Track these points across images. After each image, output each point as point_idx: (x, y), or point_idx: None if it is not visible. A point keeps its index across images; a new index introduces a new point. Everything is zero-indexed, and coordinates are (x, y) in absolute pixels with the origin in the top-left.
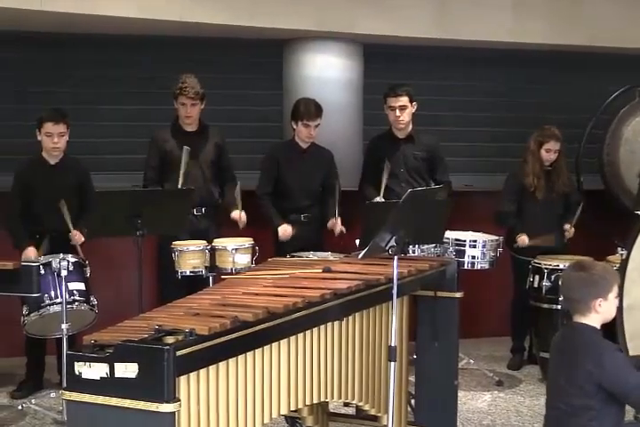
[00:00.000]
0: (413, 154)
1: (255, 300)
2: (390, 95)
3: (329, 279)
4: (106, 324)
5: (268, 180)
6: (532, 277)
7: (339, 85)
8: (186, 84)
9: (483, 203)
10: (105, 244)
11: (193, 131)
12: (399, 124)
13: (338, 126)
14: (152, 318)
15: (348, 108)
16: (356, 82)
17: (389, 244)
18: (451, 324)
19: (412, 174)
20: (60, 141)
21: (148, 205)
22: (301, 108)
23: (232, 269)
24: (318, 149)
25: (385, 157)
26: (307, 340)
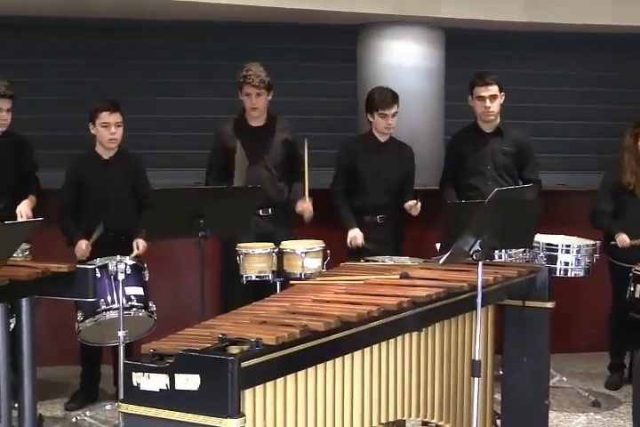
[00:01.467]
0: (501, 149)
1: (326, 308)
2: (479, 84)
3: (407, 286)
4: (165, 332)
5: (343, 176)
6: (632, 287)
7: (418, 75)
8: (250, 71)
9: (578, 203)
10: (165, 246)
11: (259, 126)
12: (488, 116)
13: (417, 120)
14: (215, 326)
15: (428, 99)
16: (437, 71)
17: (473, 248)
18: (541, 337)
19: (500, 172)
20: (117, 132)
21: (210, 204)
22: (376, 98)
23: (301, 274)
24: (397, 144)
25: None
26: (382, 352)
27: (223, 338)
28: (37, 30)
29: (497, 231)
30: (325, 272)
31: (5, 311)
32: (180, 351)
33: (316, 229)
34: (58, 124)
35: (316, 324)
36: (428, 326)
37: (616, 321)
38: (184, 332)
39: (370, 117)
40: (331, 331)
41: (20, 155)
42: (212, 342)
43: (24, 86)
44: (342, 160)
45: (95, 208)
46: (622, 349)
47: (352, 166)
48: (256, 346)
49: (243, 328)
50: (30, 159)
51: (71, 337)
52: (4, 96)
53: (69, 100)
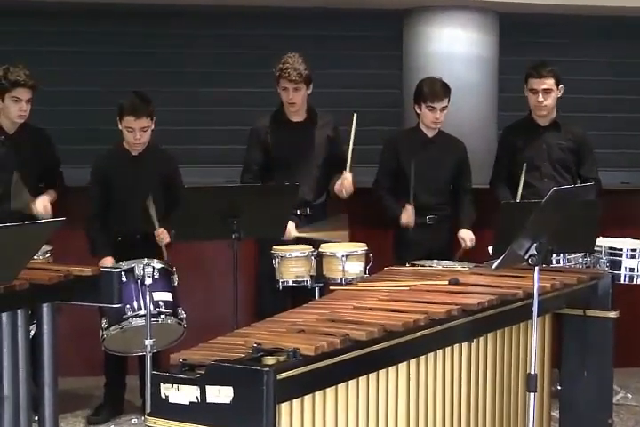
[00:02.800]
0: (558, 144)
1: (369, 316)
2: (533, 76)
3: (456, 293)
4: (196, 340)
5: (387, 174)
6: None
7: (469, 64)
8: (287, 64)
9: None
10: (195, 248)
11: (299, 121)
12: (541, 111)
13: (468, 112)
14: (249, 334)
15: (480, 90)
16: (490, 59)
17: (529, 252)
18: (603, 349)
19: (557, 168)
20: (142, 137)
21: (245, 203)
22: (425, 89)
23: (342, 279)
24: (448, 139)
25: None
26: (429, 364)
27: (258, 348)
28: (63, 16)
29: (555, 234)
30: (368, 277)
31: (25, 318)
32: (212, 362)
33: (359, 230)
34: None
35: (357, 333)
36: (480, 336)
37: None
38: (216, 341)
39: (417, 109)
40: (374, 341)
41: (41, 149)
42: (245, 352)
43: (47, 76)
44: (386, 157)
45: (121, 208)
46: None
47: (397, 163)
48: (293, 356)
49: (279, 337)
50: (52, 153)
51: (95, 346)
52: (24, 85)
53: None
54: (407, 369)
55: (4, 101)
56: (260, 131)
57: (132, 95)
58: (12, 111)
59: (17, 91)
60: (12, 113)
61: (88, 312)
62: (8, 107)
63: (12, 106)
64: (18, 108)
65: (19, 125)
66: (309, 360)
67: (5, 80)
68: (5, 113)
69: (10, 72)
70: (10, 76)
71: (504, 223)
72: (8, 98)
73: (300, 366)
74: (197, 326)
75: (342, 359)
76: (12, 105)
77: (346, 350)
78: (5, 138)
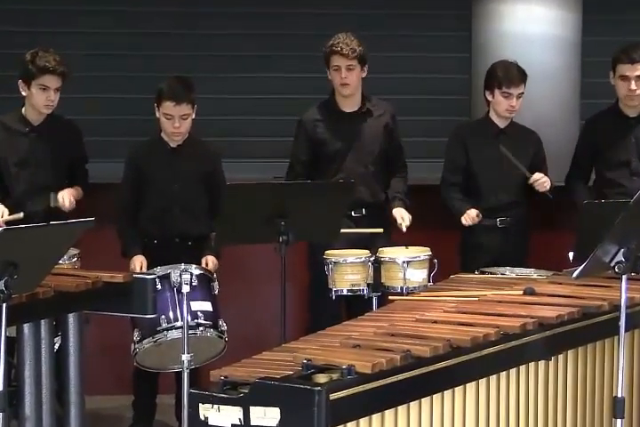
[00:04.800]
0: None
1: (433, 329)
2: (623, 61)
3: (532, 304)
4: (239, 355)
5: (455, 171)
6: None
7: (548, 45)
8: (339, 39)
9: None
10: (238, 252)
11: (352, 112)
12: (632, 100)
13: (546, 100)
14: (298, 349)
15: (560, 75)
16: (572, 40)
17: (616, 259)
18: None
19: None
20: (182, 126)
21: (294, 202)
22: (499, 73)
23: (403, 288)
24: (521, 131)
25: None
26: (501, 384)
27: (308, 364)
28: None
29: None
30: (432, 286)
31: (50, 329)
32: (257, 380)
33: (421, 233)
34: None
35: (420, 349)
36: (559, 353)
37: None
38: (261, 356)
39: (489, 96)
40: (438, 357)
41: (68, 144)
42: (294, 369)
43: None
44: (453, 151)
45: (158, 205)
46: None
47: (465, 158)
48: (348, 374)
49: (332, 353)
50: (81, 149)
51: (126, 361)
52: (53, 72)
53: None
54: (476, 390)
55: (30, 89)
56: (309, 123)
57: (172, 79)
58: (38, 100)
59: (45, 78)
60: (38, 102)
61: (119, 323)
62: (35, 95)
63: (38, 94)
64: (45, 98)
65: (45, 116)
66: (366, 379)
67: (33, 66)
68: (31, 102)
69: (38, 57)
70: (38, 62)
71: (586, 226)
72: (35, 85)
73: (355, 385)
74: (240, 339)
75: (403, 378)
76: (39, 93)
77: (407, 368)
78: (30, 130)
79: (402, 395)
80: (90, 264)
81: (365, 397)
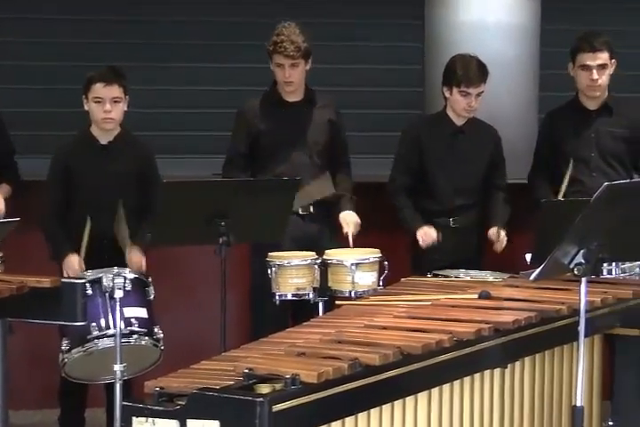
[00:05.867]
0: (610, 132)
1: (383, 336)
2: (585, 49)
3: (487, 309)
4: (175, 365)
5: (406, 169)
6: None
7: (505, 34)
8: (282, 36)
9: None
10: (175, 254)
11: (296, 101)
12: (594, 91)
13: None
14: (239, 358)
15: (517, 66)
16: (531, 29)
17: (575, 260)
18: None
19: (609, 160)
20: (114, 110)
21: (235, 201)
22: (458, 70)
23: (351, 291)
24: (480, 127)
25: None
26: (455, 393)
27: (250, 374)
28: None
29: (606, 239)
30: (382, 290)
31: None
32: (195, 391)
33: (372, 233)
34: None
35: (369, 356)
36: (516, 360)
37: None
38: (199, 366)
39: (447, 93)
40: (388, 366)
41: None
42: (235, 379)
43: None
44: (405, 148)
45: (87, 206)
46: None
47: (418, 155)
48: (292, 384)
49: (275, 361)
50: (4, 139)
51: (54, 372)
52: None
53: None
54: (428, 400)
55: None
56: (249, 112)
57: (103, 68)
58: None
59: None
60: None
61: (46, 332)
62: None
63: None
64: None
65: None
66: (311, 389)
67: None
68: None
69: None
70: None
71: (545, 226)
72: None
73: (299, 395)
74: (177, 348)
75: (350, 388)
76: None
77: (355, 377)
78: None
79: (350, 406)
80: (14, 268)
81: (311, 408)
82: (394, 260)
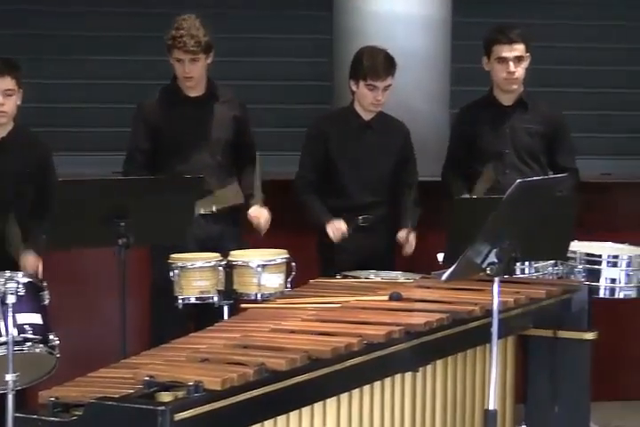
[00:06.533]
0: (525, 128)
1: (290, 340)
2: (501, 41)
3: (398, 311)
4: (72, 374)
5: (313, 165)
6: None
7: (415, 26)
8: (182, 30)
9: (629, 199)
10: (72, 257)
11: (197, 96)
12: (511, 84)
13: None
14: (140, 365)
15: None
16: (442, 21)
17: (487, 260)
18: (578, 379)
19: (523, 157)
20: (6, 103)
21: (136, 201)
22: (365, 62)
23: (257, 294)
24: (388, 122)
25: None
26: (364, 398)
27: (151, 382)
28: None
29: (520, 237)
30: (289, 292)
31: None
32: (93, 400)
33: (278, 233)
34: None
35: (276, 361)
36: (427, 363)
37: None
38: (98, 374)
39: (354, 86)
40: (296, 371)
41: None
42: (135, 388)
43: None
44: (311, 143)
45: None
46: None
47: (325, 151)
48: (195, 392)
49: (177, 368)
50: None
51: None
52: None
53: None
54: (337, 405)
55: None
56: (149, 107)
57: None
58: None
59: None
60: None
61: None
62: None
63: None
64: None
65: None
66: (215, 396)
67: None
68: None
69: None
70: None
71: (457, 225)
72: None
73: (203, 403)
74: (74, 355)
75: (257, 394)
76: None
77: (261, 383)
78: None
79: (256, 413)
80: None
81: (215, 416)
82: (302, 261)
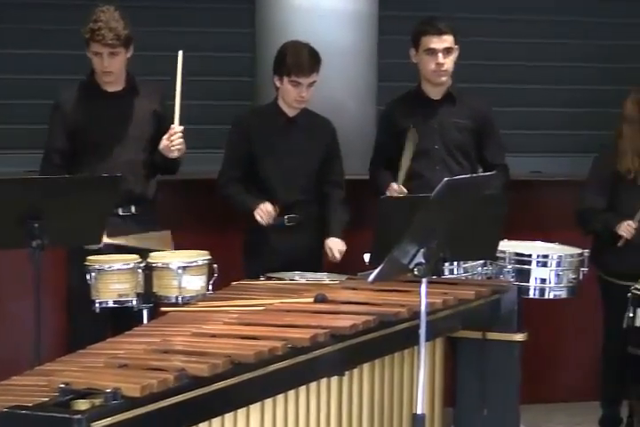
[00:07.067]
0: (455, 122)
1: (212, 344)
2: (430, 32)
3: (323, 313)
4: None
5: (236, 163)
6: (632, 312)
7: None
8: (100, 22)
9: (559, 198)
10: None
11: (116, 91)
12: (440, 76)
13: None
14: (55, 372)
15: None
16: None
17: (415, 260)
18: (508, 381)
19: (453, 152)
20: None
21: (50, 201)
22: (289, 58)
23: (178, 297)
24: (313, 119)
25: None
26: (289, 404)
27: (66, 389)
28: None
29: (448, 237)
30: (211, 295)
31: None
32: (5, 409)
33: (200, 234)
34: None
35: (197, 367)
36: (354, 367)
37: (610, 359)
38: (10, 382)
39: (277, 82)
40: (218, 376)
41: None
42: (50, 395)
43: None
44: (234, 141)
45: None
46: (618, 397)
47: (249, 149)
48: (113, 399)
49: (94, 375)
50: None
51: None
52: None
53: None
54: (261, 411)
55: None
56: (65, 105)
57: None
58: None
59: None
60: None
61: None
62: None
63: None
64: None
65: None
66: (134, 404)
67: None
68: None
69: None
70: None
71: (384, 224)
72: None
73: (121, 411)
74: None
75: (177, 401)
76: None
77: (182, 390)
78: None
79: (177, 420)
80: None
81: (134, 424)
82: (224, 262)
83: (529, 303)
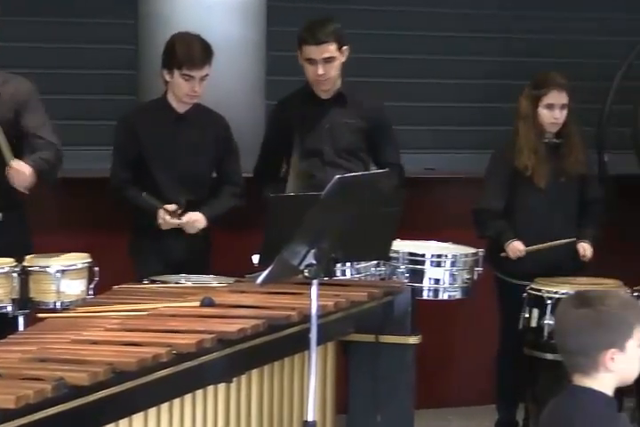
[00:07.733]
0: (345, 122)
1: (93, 351)
2: (308, 41)
3: (210, 318)
4: None
5: (125, 163)
6: (527, 312)
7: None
8: None
9: (454, 196)
10: None
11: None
12: (321, 85)
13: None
14: None
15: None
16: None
17: (305, 261)
18: (401, 386)
19: (343, 154)
20: None
21: None
22: (179, 50)
23: (56, 302)
24: (205, 115)
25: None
26: (174, 412)
27: None
28: None
29: (339, 237)
30: (92, 300)
31: None
32: None
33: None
34: None
35: (76, 375)
36: (242, 373)
37: (505, 361)
38: None
39: (167, 76)
40: (99, 385)
41: None
42: None
43: None
44: (121, 139)
45: None
46: (514, 400)
47: (137, 148)
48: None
49: None
50: None
51: None
52: None
53: None
54: (144, 421)
55: None
56: None
57: None
58: None
59: None
60: None
61: None
62: None
63: None
64: None
65: None
66: (9, 416)
67: None
68: None
69: None
70: None
71: (273, 224)
72: None
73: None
74: None
75: (56, 412)
76: None
77: (60, 400)
78: None
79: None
80: None
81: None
82: (107, 265)
83: (423, 304)
